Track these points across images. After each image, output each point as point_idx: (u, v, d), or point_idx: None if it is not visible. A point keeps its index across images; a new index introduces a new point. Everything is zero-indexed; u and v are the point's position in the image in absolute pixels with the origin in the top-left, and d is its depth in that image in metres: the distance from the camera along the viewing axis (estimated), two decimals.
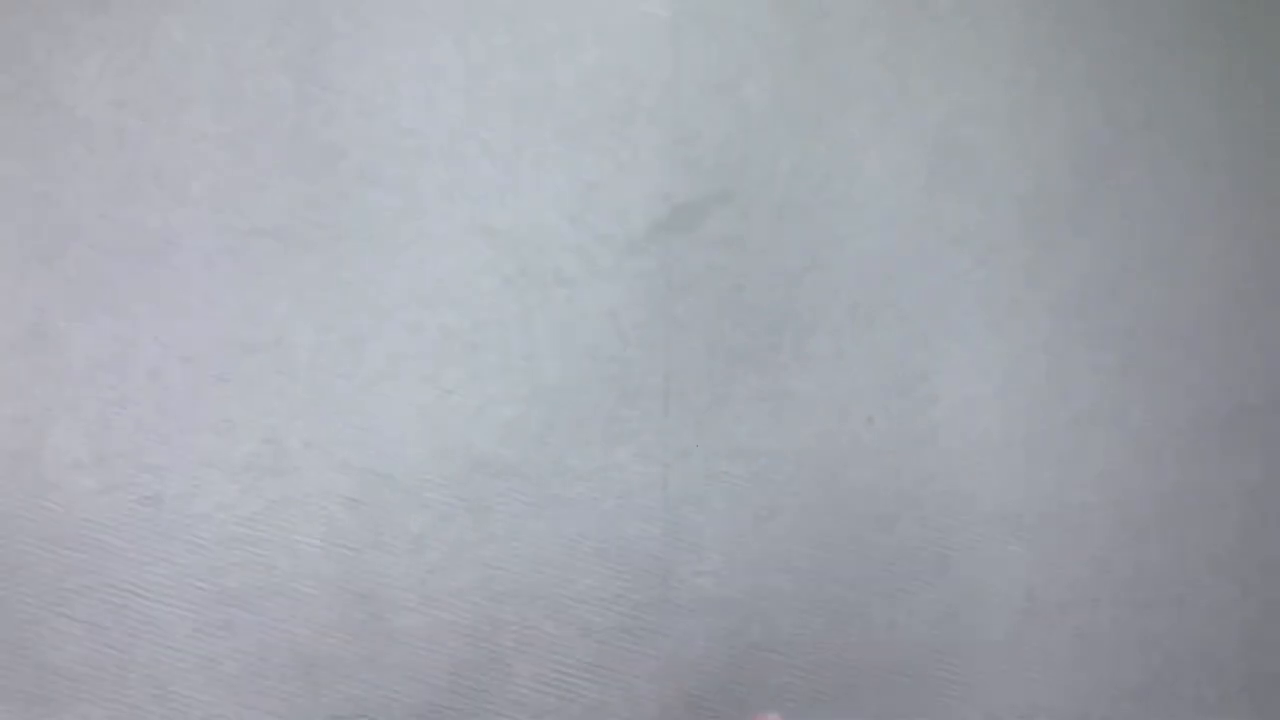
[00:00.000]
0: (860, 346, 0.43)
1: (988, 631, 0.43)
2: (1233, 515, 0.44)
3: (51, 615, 0.39)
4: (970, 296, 0.44)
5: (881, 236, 0.44)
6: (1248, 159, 0.46)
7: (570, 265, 0.41)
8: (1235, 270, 0.45)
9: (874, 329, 0.43)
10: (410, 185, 0.42)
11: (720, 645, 0.41)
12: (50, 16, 0.42)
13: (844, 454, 0.41)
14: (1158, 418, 0.44)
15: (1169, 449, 0.44)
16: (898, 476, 0.42)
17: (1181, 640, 0.43)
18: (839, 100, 0.44)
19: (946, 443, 0.43)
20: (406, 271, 0.42)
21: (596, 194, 0.43)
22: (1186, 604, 0.43)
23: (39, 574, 0.39)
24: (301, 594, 0.45)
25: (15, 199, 0.41)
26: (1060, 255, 0.44)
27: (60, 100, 0.42)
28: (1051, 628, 0.43)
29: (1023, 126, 0.45)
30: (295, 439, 0.41)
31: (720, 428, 0.46)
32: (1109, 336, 0.44)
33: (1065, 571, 0.43)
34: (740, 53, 0.44)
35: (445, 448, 0.48)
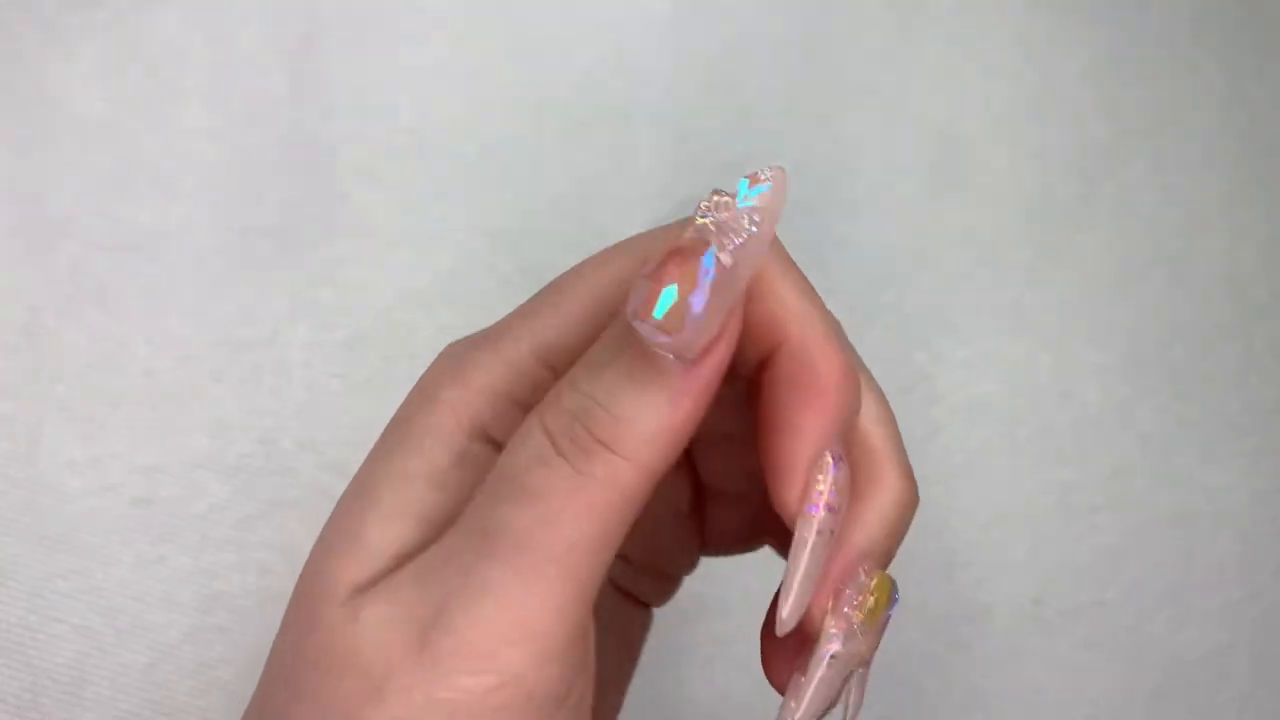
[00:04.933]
0: (861, 347, 0.42)
1: (993, 636, 0.42)
2: (1241, 517, 0.43)
3: (42, 619, 0.39)
4: (973, 296, 0.44)
5: (882, 236, 0.43)
6: (1251, 158, 0.45)
7: (569, 264, 0.41)
8: (1240, 270, 0.45)
9: (875, 329, 0.43)
10: (407, 183, 0.42)
11: (719, 650, 0.40)
12: (41, 11, 0.41)
13: None
14: (1165, 418, 0.44)
15: (1176, 450, 0.44)
16: None
17: (1189, 644, 0.43)
18: (840, 99, 0.44)
19: (949, 443, 0.43)
20: (403, 271, 0.42)
21: (595, 192, 0.42)
22: (1194, 607, 0.43)
23: (30, 576, 0.39)
24: None
25: (5, 196, 0.41)
26: (1063, 254, 0.44)
27: (51, 95, 0.41)
28: (1057, 631, 0.42)
29: (1025, 125, 0.45)
30: (289, 440, 0.41)
31: None
32: (1113, 336, 0.44)
33: (1071, 575, 0.43)
34: (741, 51, 0.44)
35: None
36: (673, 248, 0.18)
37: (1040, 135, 0.45)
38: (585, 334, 0.21)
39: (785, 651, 0.23)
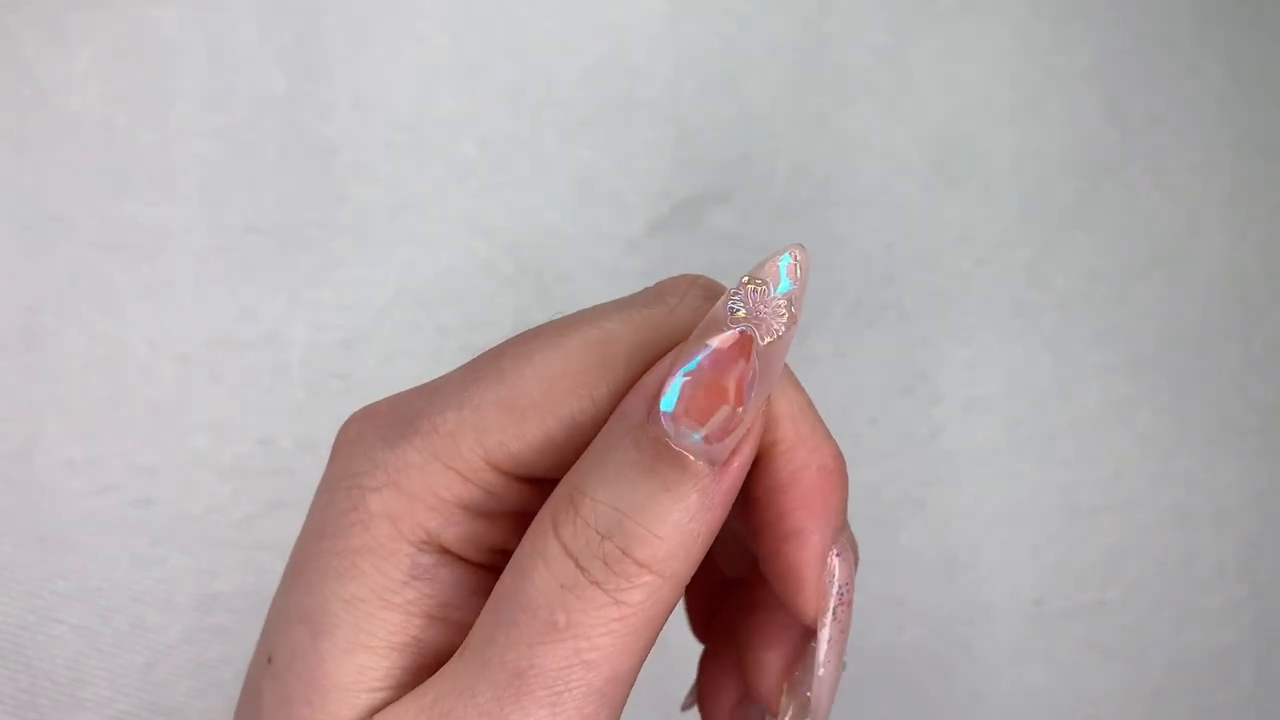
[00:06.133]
0: (861, 346, 0.43)
1: (994, 636, 0.42)
2: (1242, 518, 0.43)
3: (41, 619, 0.39)
4: (973, 296, 0.44)
5: (883, 236, 0.43)
6: (1252, 158, 0.45)
7: (569, 264, 0.41)
8: (1242, 270, 0.45)
9: (875, 329, 0.43)
10: (406, 183, 0.42)
11: None
12: (40, 10, 0.41)
13: (846, 455, 0.41)
14: (1166, 419, 0.44)
15: (1177, 451, 0.44)
16: (901, 478, 0.42)
17: (1190, 644, 0.43)
18: (841, 98, 0.44)
19: (950, 444, 0.43)
20: (402, 270, 0.42)
21: (595, 192, 0.42)
22: (1195, 608, 0.43)
23: (28, 577, 0.39)
24: None
25: (3, 195, 0.41)
26: (1064, 254, 0.44)
27: (48, 95, 0.41)
28: (1058, 632, 0.42)
29: (1026, 125, 0.45)
30: (288, 440, 0.41)
31: None
32: (1114, 337, 0.44)
33: (1072, 575, 0.43)
34: (741, 51, 0.44)
35: None
36: (699, 343, 0.17)
37: (1040, 135, 0.44)
38: (540, 434, 0.18)
39: (725, 706, 0.23)
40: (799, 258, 0.18)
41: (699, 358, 0.17)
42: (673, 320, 0.19)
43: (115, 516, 0.39)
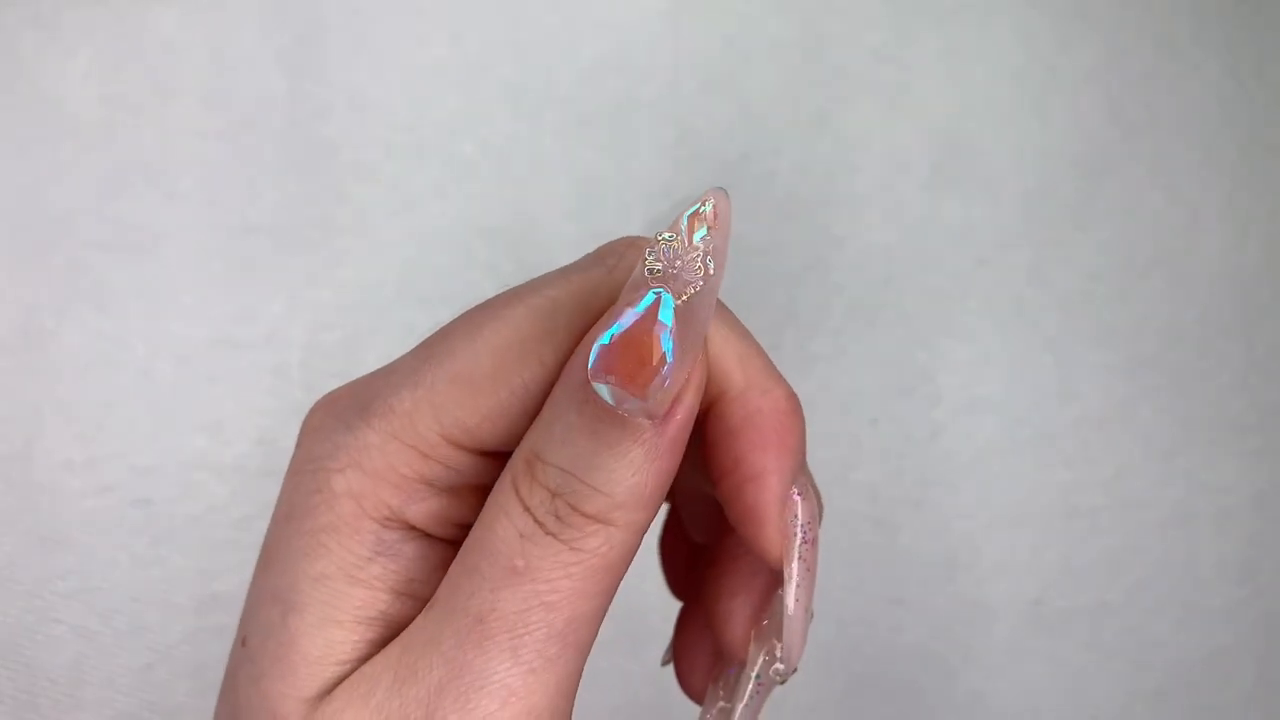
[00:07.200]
0: (862, 346, 0.43)
1: (994, 637, 0.42)
2: (1243, 518, 0.43)
3: (41, 619, 0.39)
4: (974, 296, 0.43)
5: (883, 235, 0.43)
6: (1252, 158, 0.45)
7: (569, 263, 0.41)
8: (1243, 269, 0.45)
9: (876, 329, 0.43)
10: (406, 182, 0.42)
11: None
12: (38, 10, 0.41)
13: (846, 455, 0.41)
14: (1166, 419, 0.44)
15: (1177, 451, 0.44)
16: (901, 478, 0.42)
17: (1191, 645, 0.43)
18: (841, 98, 0.44)
19: (951, 444, 0.43)
20: (402, 270, 0.41)
21: (595, 191, 0.42)
22: (1196, 608, 0.43)
23: (28, 577, 0.39)
24: None
25: (3, 195, 0.41)
26: (1065, 254, 0.44)
27: (48, 94, 0.41)
28: (1059, 632, 0.42)
29: (1027, 124, 0.45)
30: (288, 440, 0.40)
31: None
32: (1115, 336, 0.44)
33: (1073, 575, 0.43)
34: (741, 50, 0.44)
35: None
36: (624, 303, 0.17)
37: (1041, 135, 0.44)
38: (493, 405, 0.19)
39: (700, 665, 0.23)
40: (715, 203, 0.18)
41: (616, 324, 0.17)
42: (611, 281, 0.20)
43: (115, 516, 0.39)
